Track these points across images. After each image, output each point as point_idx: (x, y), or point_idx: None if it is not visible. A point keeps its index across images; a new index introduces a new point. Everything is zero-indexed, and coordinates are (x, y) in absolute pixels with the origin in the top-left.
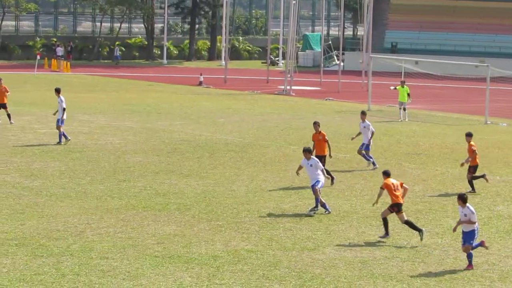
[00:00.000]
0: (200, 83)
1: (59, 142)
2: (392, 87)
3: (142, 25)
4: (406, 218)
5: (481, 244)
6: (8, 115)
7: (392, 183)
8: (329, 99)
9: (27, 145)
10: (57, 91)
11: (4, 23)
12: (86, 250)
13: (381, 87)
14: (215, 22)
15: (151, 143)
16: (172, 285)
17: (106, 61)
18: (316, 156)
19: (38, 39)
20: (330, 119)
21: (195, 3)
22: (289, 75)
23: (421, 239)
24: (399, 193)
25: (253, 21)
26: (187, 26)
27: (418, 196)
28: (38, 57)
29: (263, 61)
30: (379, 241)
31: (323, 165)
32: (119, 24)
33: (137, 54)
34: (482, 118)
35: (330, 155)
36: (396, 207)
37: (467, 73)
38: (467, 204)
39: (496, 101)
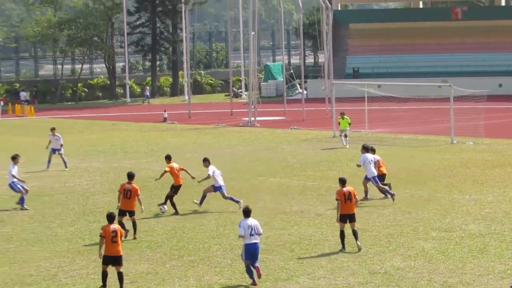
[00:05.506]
0: (165, 120)
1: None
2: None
3: (104, 65)
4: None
5: None
6: None
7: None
8: (294, 128)
9: None
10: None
11: None
12: None
13: (346, 113)
14: (175, 57)
15: (118, 183)
16: None
17: (69, 103)
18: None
19: (0, 85)
20: (296, 148)
21: (155, 40)
22: (252, 106)
23: None
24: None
25: (214, 54)
26: (148, 63)
27: (388, 220)
28: (2, 103)
29: (226, 93)
30: (352, 268)
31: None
32: (80, 65)
33: (100, 94)
34: (448, 138)
35: None
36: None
37: (430, 93)
38: None
39: (460, 120)
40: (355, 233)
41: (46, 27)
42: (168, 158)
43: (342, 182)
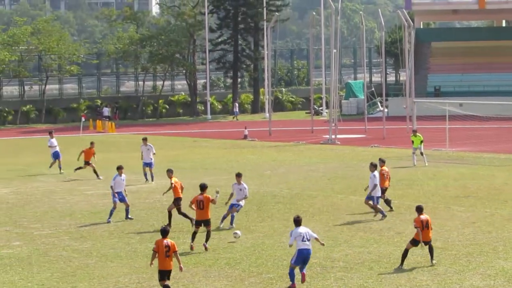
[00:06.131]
0: (245, 137)
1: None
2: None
3: (185, 82)
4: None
5: None
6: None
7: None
8: (374, 146)
9: (75, 207)
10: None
11: (48, 86)
12: None
13: (427, 131)
14: (257, 75)
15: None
16: None
17: (150, 119)
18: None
19: (82, 101)
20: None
21: (237, 57)
22: (333, 124)
23: None
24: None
25: (295, 72)
26: (229, 81)
27: (468, 239)
28: (83, 119)
29: (307, 111)
30: (431, 287)
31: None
32: (162, 82)
33: (181, 110)
34: None
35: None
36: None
37: None
38: None
39: None
40: (430, 250)
41: (128, 44)
42: (170, 172)
43: (419, 210)
